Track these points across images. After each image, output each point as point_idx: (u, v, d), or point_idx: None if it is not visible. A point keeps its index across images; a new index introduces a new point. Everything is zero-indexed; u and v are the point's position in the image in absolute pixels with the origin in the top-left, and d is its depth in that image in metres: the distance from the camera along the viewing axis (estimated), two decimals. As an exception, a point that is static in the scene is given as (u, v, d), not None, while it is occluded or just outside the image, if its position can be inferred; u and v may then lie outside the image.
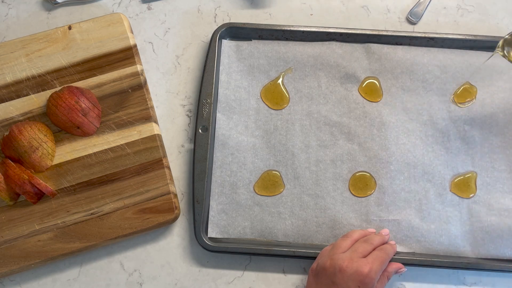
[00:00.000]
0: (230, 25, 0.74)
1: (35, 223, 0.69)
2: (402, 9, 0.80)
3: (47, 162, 0.70)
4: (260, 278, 0.71)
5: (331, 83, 0.75)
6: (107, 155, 0.71)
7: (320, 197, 0.71)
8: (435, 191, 0.71)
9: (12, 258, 0.68)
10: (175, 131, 0.75)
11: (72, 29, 0.74)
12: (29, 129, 0.69)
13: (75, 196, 0.70)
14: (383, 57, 0.75)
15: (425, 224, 0.70)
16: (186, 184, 0.74)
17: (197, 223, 0.69)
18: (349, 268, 0.57)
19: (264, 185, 0.71)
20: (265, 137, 0.73)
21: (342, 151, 0.72)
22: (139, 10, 0.80)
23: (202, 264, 0.71)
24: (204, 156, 0.70)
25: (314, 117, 0.74)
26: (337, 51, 0.75)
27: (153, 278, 0.71)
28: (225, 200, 0.71)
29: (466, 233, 0.70)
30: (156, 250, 0.72)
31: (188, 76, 0.77)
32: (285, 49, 0.75)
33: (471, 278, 0.71)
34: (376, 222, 0.70)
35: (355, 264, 0.58)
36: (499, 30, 0.79)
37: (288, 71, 0.75)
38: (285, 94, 0.74)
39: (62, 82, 0.73)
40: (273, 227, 0.70)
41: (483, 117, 0.73)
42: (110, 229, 0.69)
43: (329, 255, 0.60)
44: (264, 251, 0.68)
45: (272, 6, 0.80)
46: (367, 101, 0.74)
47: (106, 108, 0.72)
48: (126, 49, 0.73)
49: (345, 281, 0.57)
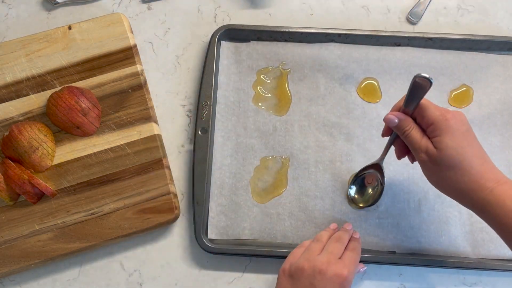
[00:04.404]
0: (228, 27, 0.74)
1: (35, 223, 0.69)
2: (402, 9, 0.80)
3: (47, 162, 0.70)
4: (260, 278, 0.71)
5: (330, 84, 0.75)
6: (107, 155, 0.71)
7: (319, 198, 0.71)
8: (434, 191, 0.71)
9: (12, 258, 0.68)
10: (175, 131, 0.76)
11: (72, 29, 0.74)
12: (29, 129, 0.69)
13: (75, 196, 0.70)
14: (382, 58, 0.75)
15: (425, 224, 0.70)
16: (186, 184, 0.74)
17: (197, 225, 0.69)
18: (329, 271, 0.57)
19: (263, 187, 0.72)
20: (264, 138, 0.73)
21: (341, 152, 0.72)
22: (139, 10, 0.80)
23: (202, 265, 0.71)
24: (204, 158, 0.70)
25: (313, 118, 0.74)
26: (336, 52, 0.75)
27: (153, 278, 0.71)
28: (224, 201, 0.71)
29: (466, 233, 0.70)
30: (156, 250, 0.72)
31: (188, 76, 0.77)
32: (283, 50, 0.75)
33: (471, 278, 0.71)
34: (376, 223, 0.70)
35: (334, 266, 0.58)
36: (499, 30, 0.79)
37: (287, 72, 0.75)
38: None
39: (62, 82, 0.73)
40: (272, 228, 0.70)
41: (481, 118, 0.73)
42: (110, 229, 0.69)
43: (306, 257, 0.60)
44: (264, 253, 0.68)
45: (272, 6, 0.80)
46: (365, 102, 0.74)
47: (106, 108, 0.72)
48: (126, 49, 0.73)
49: (325, 283, 0.57)
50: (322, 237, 0.64)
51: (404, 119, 0.58)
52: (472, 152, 0.55)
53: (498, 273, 0.70)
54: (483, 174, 0.54)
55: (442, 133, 0.55)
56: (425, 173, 0.59)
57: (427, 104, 0.57)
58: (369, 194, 0.71)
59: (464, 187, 0.55)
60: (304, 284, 0.57)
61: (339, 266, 0.58)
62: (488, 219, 0.55)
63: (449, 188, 0.57)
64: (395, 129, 0.60)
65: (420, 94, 0.56)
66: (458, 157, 0.54)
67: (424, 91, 0.56)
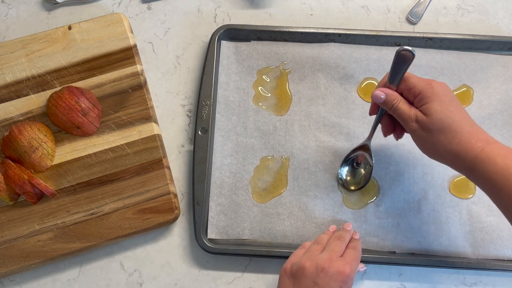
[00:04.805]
0: (228, 27, 0.74)
1: (35, 223, 0.69)
2: (402, 9, 0.80)
3: (47, 162, 0.70)
4: (260, 278, 0.71)
5: (330, 84, 0.75)
6: (107, 155, 0.71)
7: (319, 198, 0.71)
8: (434, 192, 0.71)
9: (12, 258, 0.68)
10: (175, 131, 0.76)
11: (72, 29, 0.74)
12: (29, 129, 0.69)
13: (75, 196, 0.70)
14: (382, 58, 0.75)
15: (425, 224, 0.70)
16: (186, 184, 0.74)
17: (197, 225, 0.69)
18: (331, 268, 0.57)
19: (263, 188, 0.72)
20: (264, 138, 0.73)
21: (341, 152, 0.72)
22: (139, 10, 0.80)
23: (202, 264, 0.71)
24: (204, 158, 0.70)
25: (313, 118, 0.74)
26: (336, 52, 0.75)
27: (153, 278, 0.71)
28: (224, 201, 0.71)
29: (466, 234, 0.70)
30: (156, 250, 0.72)
31: (188, 76, 0.77)
32: (284, 50, 0.75)
33: (471, 278, 0.71)
34: (375, 223, 0.70)
35: (336, 264, 0.58)
36: (499, 30, 0.79)
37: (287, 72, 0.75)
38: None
39: (62, 82, 0.73)
40: (272, 228, 0.70)
41: (481, 118, 0.73)
42: (110, 229, 0.69)
43: (307, 256, 0.60)
44: (264, 253, 0.68)
45: (272, 6, 0.80)
46: (366, 102, 0.74)
47: (106, 108, 0.72)
48: (126, 49, 0.73)
49: (327, 281, 0.57)
50: (322, 239, 0.64)
51: (390, 93, 0.60)
52: (460, 115, 0.57)
53: (498, 273, 0.70)
54: (473, 135, 0.56)
55: (430, 100, 0.57)
56: (417, 143, 0.60)
57: (411, 76, 0.60)
58: (360, 175, 0.71)
59: (456, 148, 0.56)
60: (306, 283, 0.57)
61: (341, 263, 0.58)
62: (479, 179, 0.56)
63: (442, 152, 0.57)
64: (382, 104, 0.62)
65: (403, 67, 0.58)
66: (447, 120, 0.56)
67: (407, 64, 0.58)
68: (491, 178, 0.54)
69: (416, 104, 0.59)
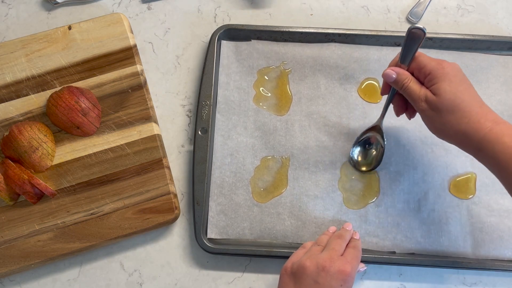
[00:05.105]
0: (228, 27, 0.74)
1: (35, 223, 0.69)
2: (402, 9, 0.80)
3: (47, 162, 0.70)
4: (260, 278, 0.71)
5: (330, 84, 0.75)
6: (107, 155, 0.71)
7: (320, 198, 0.71)
8: (434, 192, 0.71)
9: (12, 258, 0.68)
10: (175, 131, 0.76)
11: (72, 29, 0.74)
12: (29, 129, 0.69)
13: (75, 196, 0.70)
14: (382, 58, 0.75)
15: (425, 224, 0.70)
16: (186, 184, 0.74)
17: (197, 225, 0.69)
18: (332, 267, 0.57)
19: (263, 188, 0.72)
20: (264, 138, 0.73)
21: (342, 152, 0.72)
22: (139, 10, 0.80)
23: (202, 264, 0.71)
24: (204, 158, 0.70)
25: (313, 118, 0.74)
26: (336, 52, 0.75)
27: (153, 278, 0.71)
28: (224, 201, 0.71)
29: (466, 234, 0.70)
30: (156, 250, 0.72)
31: (188, 76, 0.77)
32: (284, 50, 0.75)
33: (471, 278, 0.71)
34: (376, 223, 0.70)
35: (337, 263, 0.58)
36: (499, 30, 0.79)
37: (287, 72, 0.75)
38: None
39: (62, 82, 0.73)
40: (272, 227, 0.70)
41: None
42: (110, 229, 0.69)
43: (308, 255, 0.60)
44: (264, 253, 0.68)
45: (272, 6, 0.80)
46: (366, 102, 0.74)
47: (106, 108, 0.72)
48: (126, 49, 0.73)
49: (328, 280, 0.57)
50: (322, 241, 0.64)
51: (401, 72, 0.60)
52: (470, 95, 0.57)
53: (498, 273, 0.70)
54: (482, 115, 0.56)
55: (440, 80, 0.57)
56: (426, 122, 0.60)
57: (422, 55, 0.60)
58: (372, 156, 0.71)
59: (464, 128, 0.56)
60: (307, 282, 0.57)
61: (342, 262, 0.58)
62: (487, 158, 0.56)
63: (451, 132, 0.58)
64: (393, 84, 0.61)
65: (414, 45, 0.59)
66: (456, 100, 0.56)
67: (418, 42, 0.58)
68: (498, 157, 0.54)
69: (426, 84, 0.59)
